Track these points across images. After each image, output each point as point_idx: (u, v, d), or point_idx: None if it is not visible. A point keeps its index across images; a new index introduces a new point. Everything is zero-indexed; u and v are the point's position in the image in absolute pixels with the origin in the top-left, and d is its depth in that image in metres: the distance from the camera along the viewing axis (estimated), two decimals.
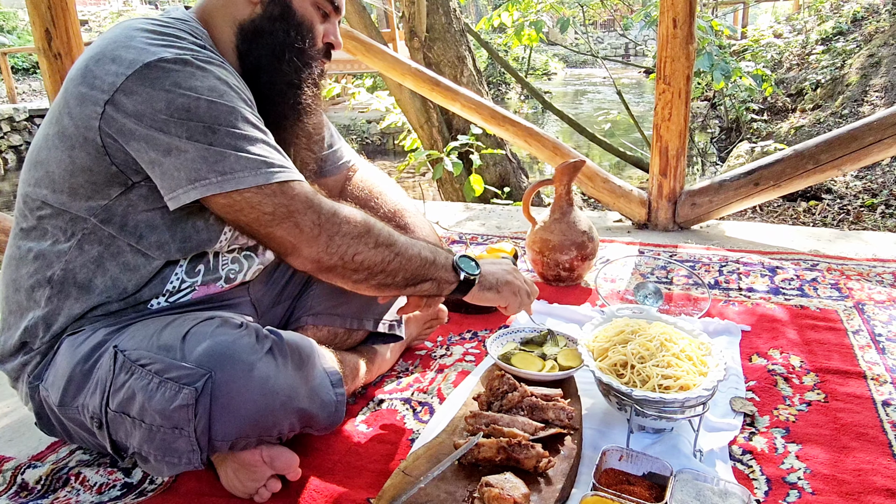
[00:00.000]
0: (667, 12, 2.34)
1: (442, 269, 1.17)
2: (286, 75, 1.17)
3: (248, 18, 1.16)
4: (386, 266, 1.11)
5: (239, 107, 1.03)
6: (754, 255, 2.21)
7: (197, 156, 0.98)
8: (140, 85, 0.98)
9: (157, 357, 1.01)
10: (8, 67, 10.20)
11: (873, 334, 1.62)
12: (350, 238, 1.07)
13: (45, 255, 1.11)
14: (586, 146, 8.17)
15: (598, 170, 2.70)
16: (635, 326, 1.31)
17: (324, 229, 1.04)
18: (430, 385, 1.47)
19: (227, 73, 1.06)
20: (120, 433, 1.05)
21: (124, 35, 1.04)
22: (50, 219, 1.10)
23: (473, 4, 19.01)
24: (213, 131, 0.99)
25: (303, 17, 1.18)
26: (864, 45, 7.30)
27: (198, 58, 1.03)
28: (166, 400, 0.97)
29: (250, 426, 1.03)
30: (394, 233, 1.14)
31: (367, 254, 1.08)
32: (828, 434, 1.24)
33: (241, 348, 1.02)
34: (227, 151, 0.99)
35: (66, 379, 1.08)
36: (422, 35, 4.52)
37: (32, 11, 2.07)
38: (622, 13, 8.76)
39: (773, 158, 2.44)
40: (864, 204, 4.07)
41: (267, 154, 1.03)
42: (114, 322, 1.11)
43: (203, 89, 1.00)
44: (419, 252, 1.15)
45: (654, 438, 1.20)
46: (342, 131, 9.92)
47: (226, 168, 0.99)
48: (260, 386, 1.01)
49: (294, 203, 1.03)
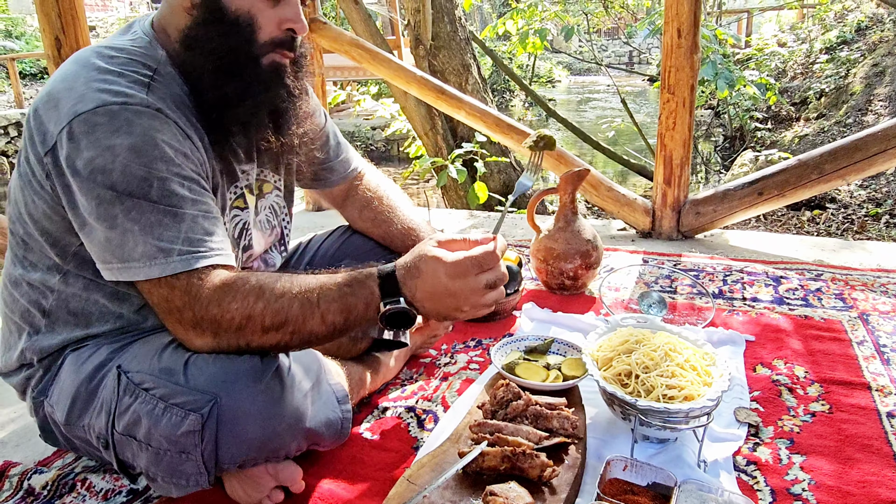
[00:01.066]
0: (671, 22, 2.35)
1: (357, 329, 1.07)
2: (229, 82, 1.07)
3: (186, 26, 1.08)
4: (287, 343, 1.02)
5: (155, 171, 0.97)
6: (758, 265, 2.21)
7: (102, 237, 0.98)
8: (69, 140, 0.96)
9: (160, 381, 0.99)
10: (16, 72, 10.26)
11: (878, 345, 1.62)
12: (232, 332, 0.99)
13: (37, 286, 1.12)
14: (590, 154, 8.19)
15: (602, 178, 2.71)
16: (639, 336, 1.31)
17: (205, 328, 0.99)
18: (434, 393, 1.47)
19: (159, 122, 1.00)
20: (127, 453, 1.04)
21: (72, 73, 1.02)
22: (33, 254, 1.11)
23: (478, 12, 19.08)
24: (120, 202, 0.96)
25: (238, 11, 1.06)
26: (868, 54, 7.30)
27: (131, 104, 0.98)
28: (172, 426, 0.97)
29: (257, 449, 1.02)
30: (291, 301, 1.00)
31: (258, 340, 1.00)
32: (832, 445, 1.24)
33: (246, 371, 1.00)
34: (127, 235, 0.96)
35: (71, 398, 1.08)
36: (427, 43, 4.54)
37: (42, 19, 2.09)
38: (626, 21, 8.80)
39: (777, 168, 2.44)
40: (869, 213, 4.07)
41: (169, 235, 0.97)
42: (116, 339, 1.12)
43: (122, 149, 0.96)
44: (321, 317, 1.01)
45: (658, 448, 1.20)
46: (346, 137, 9.96)
47: (124, 255, 0.97)
48: (266, 409, 1.00)
49: (174, 299, 0.98)
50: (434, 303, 1.03)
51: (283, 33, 1.10)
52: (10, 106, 10.72)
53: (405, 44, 5.68)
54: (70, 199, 1.00)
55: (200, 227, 1.01)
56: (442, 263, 1.02)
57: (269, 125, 1.14)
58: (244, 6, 1.06)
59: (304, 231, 2.88)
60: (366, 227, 1.54)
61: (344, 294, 1.02)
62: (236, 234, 1.24)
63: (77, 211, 0.99)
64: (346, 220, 1.59)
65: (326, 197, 1.57)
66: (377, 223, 1.52)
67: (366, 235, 1.56)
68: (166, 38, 1.11)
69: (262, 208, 1.32)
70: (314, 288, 1.02)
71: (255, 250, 1.32)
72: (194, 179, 1.03)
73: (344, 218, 1.59)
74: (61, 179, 0.99)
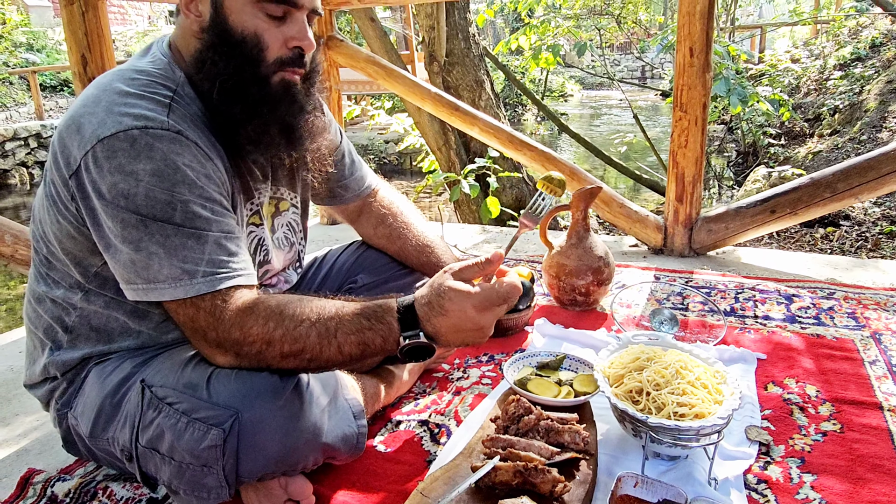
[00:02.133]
0: (683, 41, 2.38)
1: (371, 359, 1.11)
2: (238, 103, 1.09)
3: (196, 49, 1.10)
4: (305, 367, 1.06)
5: (178, 195, 1.00)
6: (770, 283, 2.21)
7: (127, 259, 1.00)
8: (93, 164, 0.99)
9: (183, 396, 1.02)
10: (37, 85, 10.47)
11: (890, 365, 1.62)
12: (253, 355, 1.02)
13: (60, 303, 1.15)
14: (602, 168, 8.20)
15: (614, 195, 2.73)
16: (651, 353, 1.32)
17: (227, 348, 1.02)
18: (447, 407, 1.49)
19: (179, 145, 1.02)
20: (150, 466, 1.07)
21: (94, 97, 1.04)
22: (56, 272, 1.15)
23: (491, 27, 19.22)
24: (145, 225, 0.98)
25: (244, 32, 1.07)
26: (882, 71, 7.28)
27: (151, 128, 0.99)
28: (195, 440, 0.99)
29: (276, 463, 1.04)
30: (308, 330, 1.02)
31: (277, 364, 1.04)
32: (843, 465, 1.25)
33: (266, 387, 1.02)
34: (153, 258, 0.99)
35: (96, 412, 1.11)
36: (441, 59, 4.59)
37: (70, 37, 2.15)
38: (639, 36, 8.83)
39: (790, 186, 2.45)
40: (883, 231, 4.04)
41: (193, 257, 1.00)
42: (139, 353, 1.15)
43: (145, 174, 0.98)
44: (338, 347, 1.03)
45: (669, 465, 1.21)
46: (359, 151, 10.03)
47: (150, 276, 1.00)
48: (286, 425, 1.03)
49: (199, 319, 1.01)
50: (458, 334, 1.04)
51: (291, 51, 1.11)
52: (31, 118, 10.92)
53: (419, 58, 5.75)
54: (95, 221, 1.02)
55: (224, 248, 1.04)
56: (469, 297, 1.02)
57: (282, 142, 1.15)
58: (250, 27, 1.07)
59: (318, 244, 2.93)
60: (381, 243, 1.57)
61: (362, 328, 1.03)
62: (252, 250, 1.27)
63: (102, 233, 1.02)
64: (360, 235, 1.62)
65: (341, 213, 1.60)
66: (392, 239, 1.55)
67: (380, 251, 1.58)
68: (181, 59, 1.13)
69: (278, 226, 1.35)
70: (332, 316, 1.04)
71: (272, 266, 1.34)
72: (216, 200, 1.06)
73: (358, 234, 1.62)
74: (86, 203, 1.02)
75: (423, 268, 1.54)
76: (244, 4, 1.06)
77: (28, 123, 10.29)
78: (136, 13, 16.62)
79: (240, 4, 1.06)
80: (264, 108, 1.10)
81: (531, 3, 6.30)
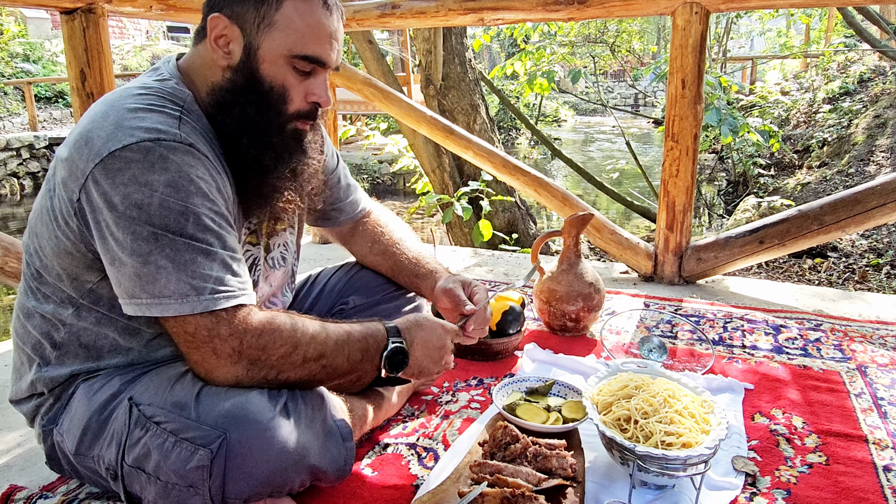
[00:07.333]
0: (676, 73, 2.42)
1: (369, 365, 1.17)
2: (262, 150, 1.13)
3: (219, 84, 1.13)
4: (317, 375, 1.10)
5: (192, 206, 1.01)
6: (758, 313, 2.23)
7: (132, 273, 1.00)
8: (104, 176, 0.99)
9: (171, 416, 1.01)
10: (32, 96, 10.48)
11: (875, 398, 1.63)
12: (273, 361, 1.05)
13: (49, 318, 1.14)
14: (594, 193, 8.27)
15: (605, 222, 2.75)
16: (639, 381, 1.33)
17: (244, 355, 1.03)
18: (435, 431, 1.48)
19: (192, 158, 1.03)
20: (135, 486, 1.05)
21: (101, 112, 1.05)
22: (48, 287, 1.14)
23: (486, 51, 19.46)
24: (155, 238, 0.98)
25: (273, 83, 1.11)
26: (870, 105, 7.42)
27: (164, 140, 1.00)
28: (182, 460, 0.98)
29: (263, 485, 1.03)
30: (326, 338, 1.10)
31: (291, 372, 1.07)
32: (828, 497, 1.25)
33: (255, 408, 1.02)
34: (161, 272, 0.99)
35: (82, 429, 1.10)
36: (438, 83, 4.64)
37: (69, 52, 2.17)
38: (632, 64, 8.97)
39: (779, 217, 2.49)
40: (870, 263, 4.09)
41: (203, 272, 1.01)
42: (128, 371, 1.14)
43: (160, 185, 0.99)
44: (348, 355, 1.12)
45: (655, 494, 1.21)
46: (353, 170, 10.06)
47: (156, 291, 0.99)
48: (273, 446, 1.02)
49: (217, 328, 1.01)
50: (424, 349, 1.23)
51: (309, 105, 1.16)
52: (24, 128, 10.90)
53: (415, 80, 5.81)
54: (101, 234, 1.02)
55: (230, 266, 1.05)
56: (440, 323, 1.28)
57: (287, 185, 1.20)
58: (279, 79, 1.11)
59: (310, 263, 2.93)
60: (375, 260, 1.58)
61: (364, 336, 1.16)
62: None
63: (108, 246, 1.02)
64: (353, 255, 1.63)
65: (333, 234, 1.61)
66: (387, 255, 1.56)
67: (374, 271, 1.59)
68: (192, 83, 1.15)
69: (274, 245, 1.36)
70: (338, 328, 1.15)
71: (263, 286, 1.35)
72: (224, 216, 1.07)
73: (352, 254, 1.63)
74: (94, 216, 1.01)
75: (418, 279, 1.54)
76: (278, 57, 1.10)
77: (21, 134, 10.27)
78: (134, 28, 16.72)
79: (274, 56, 1.10)
80: (283, 158, 1.16)
81: (527, 30, 6.40)
